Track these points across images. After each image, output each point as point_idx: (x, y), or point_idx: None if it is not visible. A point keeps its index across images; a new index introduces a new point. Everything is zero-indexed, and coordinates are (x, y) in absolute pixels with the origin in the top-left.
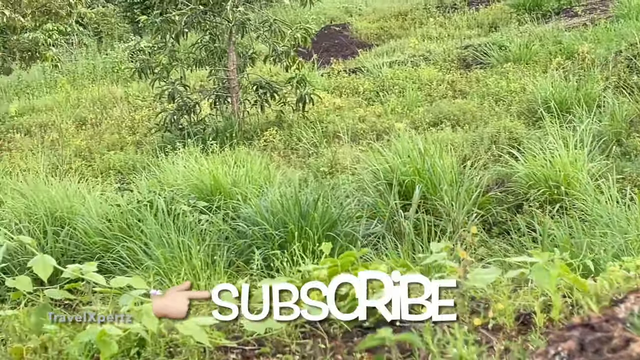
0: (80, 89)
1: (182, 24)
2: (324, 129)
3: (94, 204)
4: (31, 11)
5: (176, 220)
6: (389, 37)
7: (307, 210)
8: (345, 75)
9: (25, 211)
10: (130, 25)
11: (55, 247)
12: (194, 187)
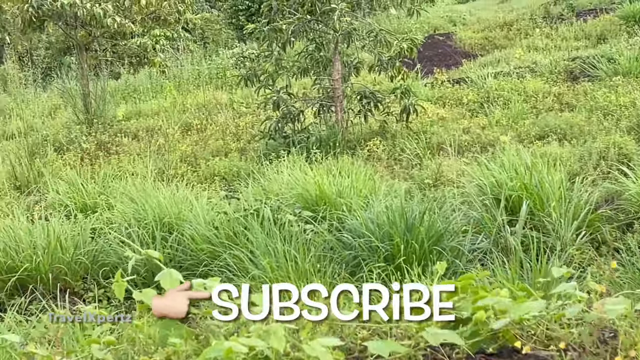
0: (186, 94)
1: (289, 33)
2: (427, 140)
3: (202, 210)
4: (141, 18)
5: (282, 230)
6: (494, 47)
7: (413, 224)
8: (448, 85)
9: (134, 216)
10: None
11: (163, 253)
12: (299, 197)
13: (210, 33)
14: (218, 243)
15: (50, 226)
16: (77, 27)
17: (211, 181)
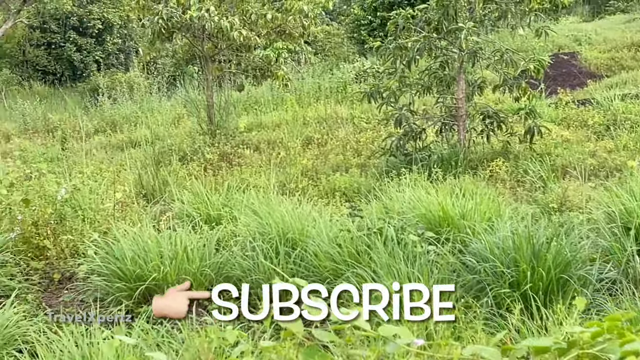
0: (306, 107)
1: (414, 51)
2: (551, 163)
3: (325, 227)
4: (266, 31)
5: (405, 250)
6: (621, 68)
7: (540, 250)
8: (573, 106)
9: (259, 230)
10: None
11: (286, 268)
12: (422, 217)
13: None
14: (341, 261)
15: (177, 236)
16: (204, 39)
17: (332, 196)
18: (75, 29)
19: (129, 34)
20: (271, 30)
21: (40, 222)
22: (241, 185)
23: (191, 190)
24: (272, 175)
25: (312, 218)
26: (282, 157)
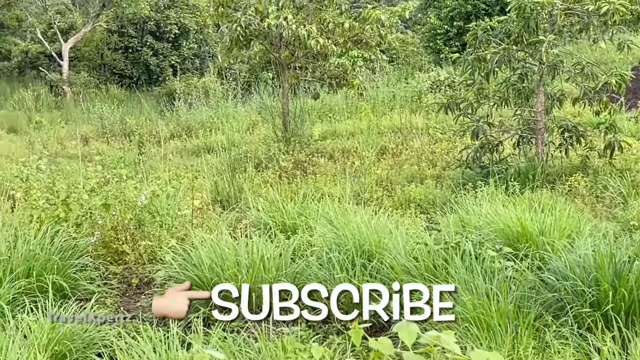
0: (380, 115)
1: (493, 63)
2: (632, 178)
3: (401, 239)
4: (343, 40)
5: (482, 265)
6: None
7: (622, 269)
8: None
9: (335, 240)
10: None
11: (362, 280)
12: (500, 232)
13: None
14: (418, 275)
15: (254, 245)
16: (281, 47)
17: (406, 207)
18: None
19: (205, 39)
20: (348, 39)
21: (120, 227)
22: (316, 194)
23: (266, 198)
24: (348, 185)
25: (389, 230)
26: (357, 167)
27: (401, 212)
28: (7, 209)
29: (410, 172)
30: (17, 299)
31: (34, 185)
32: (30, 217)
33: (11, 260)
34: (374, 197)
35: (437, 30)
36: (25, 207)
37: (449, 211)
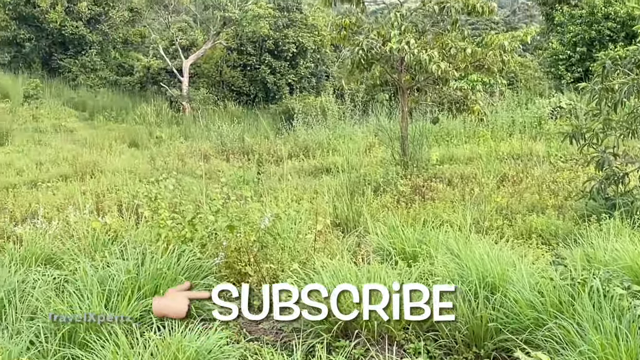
0: (499, 141)
1: (622, 94)
2: None
3: (525, 272)
4: (465, 65)
5: (610, 303)
6: None
7: None
8: None
9: (458, 271)
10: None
11: (485, 313)
12: (628, 269)
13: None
14: (543, 310)
15: (374, 271)
16: (402, 70)
17: (527, 237)
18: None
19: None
20: (470, 64)
21: (243, 248)
22: (435, 221)
23: (385, 223)
24: (468, 212)
25: (512, 262)
26: (477, 194)
27: (522, 242)
28: (132, 225)
29: (531, 201)
30: (144, 316)
31: (162, 205)
32: (157, 236)
33: (139, 278)
34: (494, 226)
35: (559, 55)
36: (152, 226)
37: (572, 244)
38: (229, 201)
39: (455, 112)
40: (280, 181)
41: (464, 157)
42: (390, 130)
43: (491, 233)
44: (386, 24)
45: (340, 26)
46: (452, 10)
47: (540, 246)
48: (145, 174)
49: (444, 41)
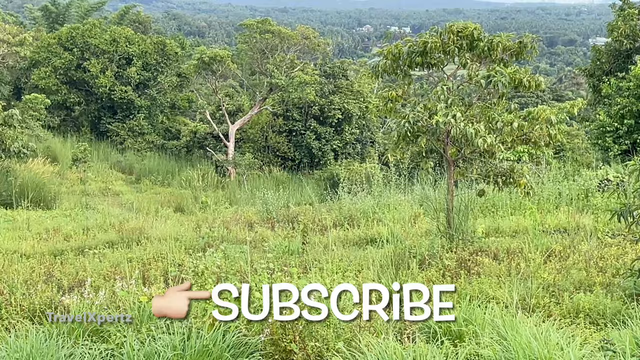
0: (545, 213)
1: None
2: None
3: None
4: (511, 139)
5: None
6: None
7: None
8: None
9: (505, 354)
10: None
11: None
12: None
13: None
14: None
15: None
16: (448, 143)
17: (574, 316)
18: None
19: (367, 124)
20: (516, 137)
21: (288, 325)
22: (480, 296)
23: None
24: (515, 289)
25: (560, 346)
26: (523, 269)
27: (569, 322)
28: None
29: (578, 278)
30: None
31: (209, 280)
32: (203, 311)
33: (185, 354)
34: (541, 304)
35: (606, 127)
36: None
37: (620, 325)
38: (274, 274)
39: (502, 184)
40: (325, 251)
41: (510, 230)
42: (436, 200)
43: (538, 311)
44: (433, 97)
45: (387, 99)
46: (499, 85)
47: (588, 326)
48: (191, 242)
49: (491, 114)
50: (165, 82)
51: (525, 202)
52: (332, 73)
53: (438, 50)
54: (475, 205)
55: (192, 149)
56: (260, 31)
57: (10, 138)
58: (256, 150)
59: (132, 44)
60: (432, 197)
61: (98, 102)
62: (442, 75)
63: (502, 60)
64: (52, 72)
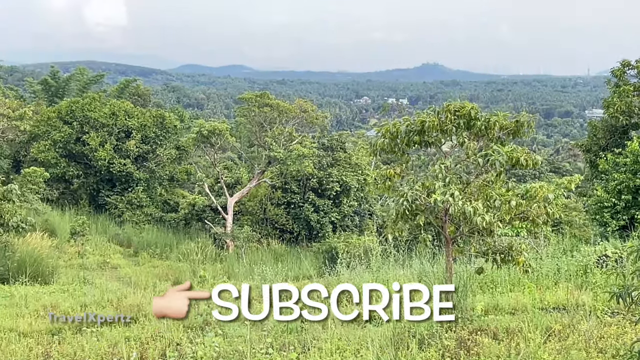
0: (544, 290)
1: None
2: None
3: None
4: (510, 217)
5: None
6: None
7: None
8: None
9: None
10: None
11: None
12: None
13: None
14: None
15: None
16: (446, 221)
17: None
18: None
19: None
20: (514, 215)
21: None
22: None
23: None
24: None
25: None
26: (523, 350)
27: None
28: None
29: (578, 359)
30: None
31: None
32: None
33: None
34: None
35: (603, 203)
36: None
37: None
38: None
39: (500, 262)
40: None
41: (509, 307)
42: (434, 275)
43: None
44: (430, 175)
45: (385, 177)
46: (496, 163)
47: None
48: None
49: (489, 192)
50: (164, 154)
51: (524, 278)
52: (330, 146)
53: (435, 129)
54: (475, 281)
55: (191, 221)
56: (258, 104)
57: (9, 212)
58: (254, 223)
59: (131, 117)
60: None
61: (97, 175)
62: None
63: (499, 139)
64: (51, 146)
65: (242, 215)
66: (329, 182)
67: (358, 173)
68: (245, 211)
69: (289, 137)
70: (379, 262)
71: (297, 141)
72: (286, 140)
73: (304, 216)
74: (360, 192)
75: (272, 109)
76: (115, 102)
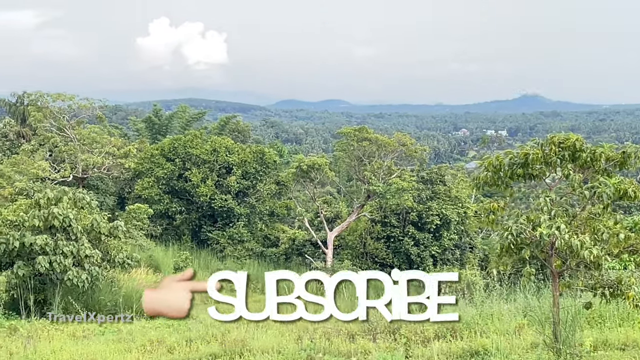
0: None
1: None
2: None
3: None
4: (618, 250)
5: None
6: None
7: None
8: None
9: None
10: None
11: None
12: None
13: None
14: None
15: None
16: (552, 255)
17: None
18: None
19: (466, 230)
20: (623, 248)
21: None
22: None
23: None
24: None
25: None
26: None
27: None
28: None
29: None
30: None
31: None
32: None
33: None
34: None
35: None
36: None
37: None
38: None
39: (609, 296)
40: None
41: (618, 342)
42: (540, 310)
43: None
44: (535, 208)
45: (489, 210)
46: (604, 196)
47: None
48: (293, 355)
49: (596, 225)
50: (264, 190)
51: (635, 313)
52: (429, 179)
53: (539, 162)
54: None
55: (291, 256)
56: (357, 139)
57: (116, 249)
58: (354, 257)
59: (231, 154)
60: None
61: (199, 210)
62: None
63: (606, 171)
64: (154, 182)
65: (342, 249)
66: (428, 215)
67: (458, 206)
68: (345, 245)
69: (388, 171)
70: (482, 296)
71: (396, 175)
72: (385, 174)
73: (404, 250)
74: (460, 225)
75: (371, 143)
76: (216, 139)
